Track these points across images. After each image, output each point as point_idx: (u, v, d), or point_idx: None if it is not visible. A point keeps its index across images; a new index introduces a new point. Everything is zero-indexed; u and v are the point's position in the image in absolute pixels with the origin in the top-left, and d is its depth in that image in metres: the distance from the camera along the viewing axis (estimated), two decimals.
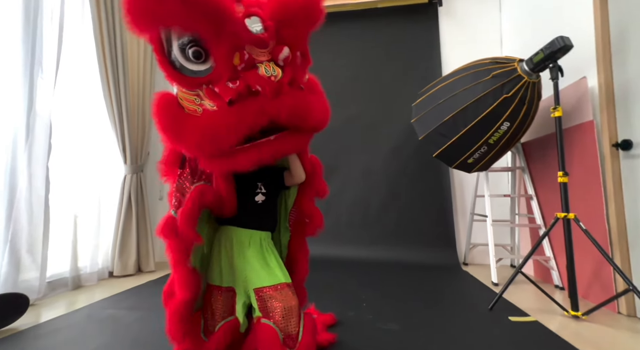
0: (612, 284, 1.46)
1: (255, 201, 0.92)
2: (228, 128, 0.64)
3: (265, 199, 0.93)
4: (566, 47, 1.44)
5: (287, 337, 0.79)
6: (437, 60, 2.74)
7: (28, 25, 1.61)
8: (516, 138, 1.82)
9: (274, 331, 0.78)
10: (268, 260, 0.88)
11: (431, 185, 2.65)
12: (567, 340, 1.16)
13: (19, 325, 1.31)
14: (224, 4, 0.63)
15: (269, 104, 0.66)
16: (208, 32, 0.64)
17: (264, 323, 0.80)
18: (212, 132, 0.65)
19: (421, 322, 1.34)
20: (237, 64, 0.65)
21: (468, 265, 2.47)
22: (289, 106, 0.68)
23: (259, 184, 0.93)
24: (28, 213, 1.59)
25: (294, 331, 0.80)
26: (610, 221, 1.48)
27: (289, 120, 0.70)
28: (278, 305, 0.81)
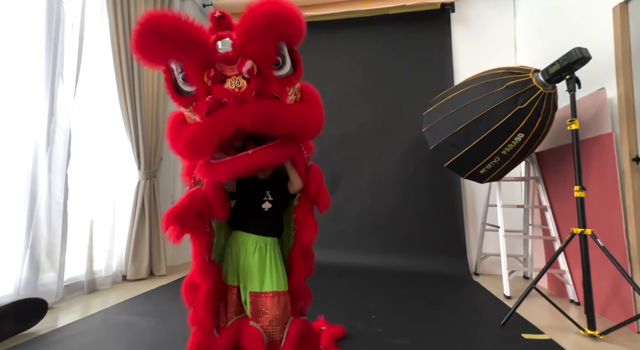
0: (632, 303, 1.41)
1: (262, 208, 0.96)
2: (203, 136, 0.76)
3: (272, 206, 0.97)
4: (584, 59, 1.41)
5: (271, 342, 0.86)
6: (449, 68, 2.71)
7: (50, 37, 1.67)
8: (531, 149, 1.78)
9: (260, 334, 0.85)
10: (268, 267, 0.92)
11: (442, 194, 2.62)
12: None
13: (39, 330, 1.36)
14: (190, 33, 0.73)
15: (233, 113, 0.74)
16: (180, 58, 0.76)
17: (252, 326, 0.87)
18: (193, 140, 0.77)
19: (432, 336, 1.33)
20: (206, 81, 0.75)
21: (479, 275, 2.43)
22: (251, 114, 0.74)
23: (267, 191, 0.98)
24: (47, 219, 1.64)
25: (277, 337, 0.86)
26: (629, 238, 1.44)
27: (254, 126, 0.75)
28: (267, 312, 0.88)
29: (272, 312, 0.87)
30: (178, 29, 0.72)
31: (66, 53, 1.74)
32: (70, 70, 1.76)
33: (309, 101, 0.91)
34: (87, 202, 1.94)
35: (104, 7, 2.02)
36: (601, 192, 1.59)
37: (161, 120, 2.43)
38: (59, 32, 1.70)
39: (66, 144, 1.71)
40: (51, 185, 1.65)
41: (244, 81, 0.75)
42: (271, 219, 0.98)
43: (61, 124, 1.70)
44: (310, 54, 2.91)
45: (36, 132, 1.61)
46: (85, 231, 1.91)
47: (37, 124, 1.61)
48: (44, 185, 1.62)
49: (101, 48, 2.03)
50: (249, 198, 0.97)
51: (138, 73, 2.16)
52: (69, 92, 1.74)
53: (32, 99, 1.61)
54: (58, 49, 1.70)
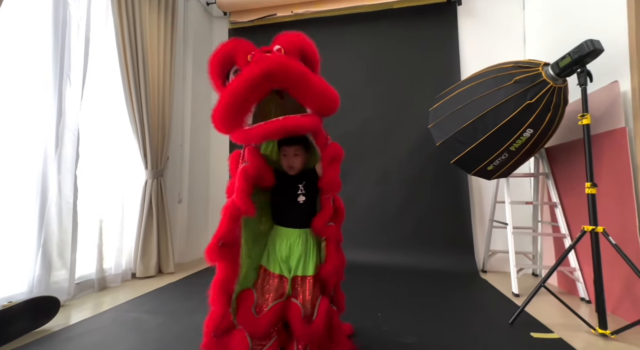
0: None
1: (298, 201, 1.10)
2: (238, 88, 0.90)
3: (306, 198, 1.10)
4: (596, 51, 1.37)
5: (305, 315, 1.02)
6: (456, 63, 2.66)
7: (57, 39, 1.69)
8: (540, 144, 1.75)
9: (299, 308, 1.02)
10: (305, 255, 1.07)
11: (449, 191, 2.59)
12: None
13: (52, 327, 1.39)
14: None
15: (261, 59, 0.91)
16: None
17: (293, 301, 1.03)
18: (229, 98, 0.91)
19: (439, 335, 1.32)
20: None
21: (487, 272, 2.41)
22: (276, 60, 0.90)
23: (299, 185, 1.10)
24: (58, 218, 1.67)
25: (309, 312, 1.03)
26: None
27: (283, 72, 0.89)
28: (301, 291, 1.05)
29: (306, 293, 1.04)
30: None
31: (73, 54, 1.75)
32: (77, 71, 1.78)
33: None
34: (96, 202, 1.97)
35: (109, 8, 2.03)
36: (614, 188, 1.55)
37: (167, 119, 2.45)
38: (65, 34, 1.72)
39: (74, 144, 1.74)
40: (61, 186, 1.68)
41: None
42: (306, 210, 1.10)
43: (69, 125, 1.72)
44: None
45: (45, 133, 1.64)
46: (95, 230, 1.94)
47: (46, 126, 1.64)
48: (54, 186, 1.65)
49: (107, 49, 2.04)
50: (285, 194, 1.11)
51: (144, 74, 2.17)
52: (76, 93, 1.76)
53: (40, 100, 1.63)
54: (65, 51, 1.72)
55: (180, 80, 2.79)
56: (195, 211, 2.86)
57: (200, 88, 2.98)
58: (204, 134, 3.04)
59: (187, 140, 2.80)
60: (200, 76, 2.97)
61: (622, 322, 1.36)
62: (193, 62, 2.86)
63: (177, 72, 2.71)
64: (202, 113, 3.03)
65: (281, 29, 3.64)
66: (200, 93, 2.98)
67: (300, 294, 1.04)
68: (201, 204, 2.98)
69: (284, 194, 1.12)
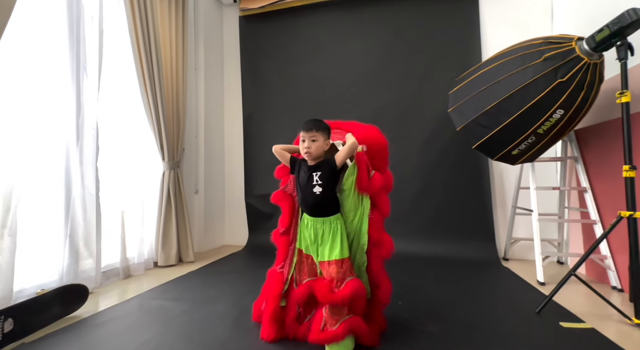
0: None
1: (314, 192, 1.12)
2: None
3: (322, 189, 1.12)
4: (639, 21, 1.25)
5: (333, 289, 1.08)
6: (477, 43, 2.52)
7: (72, 32, 1.70)
8: (571, 126, 1.64)
9: (324, 281, 1.09)
10: (331, 241, 1.11)
11: (469, 177, 2.50)
12: None
13: (82, 313, 1.45)
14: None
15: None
16: None
17: (322, 278, 1.12)
18: None
19: (462, 324, 1.29)
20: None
21: (508, 260, 2.34)
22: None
23: (314, 175, 1.13)
24: (82, 210, 1.72)
25: (338, 288, 1.07)
26: None
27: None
28: (330, 272, 1.09)
29: (332, 275, 1.08)
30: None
31: (88, 47, 1.76)
32: (93, 64, 1.78)
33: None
34: (117, 193, 2.01)
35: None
36: None
37: (181, 110, 2.45)
38: (79, 27, 1.72)
39: (94, 137, 1.77)
40: (84, 178, 1.72)
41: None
42: (323, 200, 1.13)
43: (88, 117, 1.74)
44: (328, 37, 2.83)
45: (66, 126, 1.67)
46: (117, 221, 1.99)
47: (66, 119, 1.67)
48: (77, 178, 1.69)
49: (120, 41, 2.04)
50: (303, 186, 1.15)
51: (157, 64, 2.17)
52: (93, 86, 1.78)
53: (59, 94, 1.66)
54: (80, 44, 1.72)
55: (193, 71, 2.77)
56: (211, 201, 2.90)
57: (212, 78, 2.96)
58: (217, 125, 3.05)
59: (201, 131, 2.81)
60: (212, 66, 2.95)
61: None
62: (205, 51, 2.84)
63: (190, 62, 2.69)
64: (216, 104, 3.03)
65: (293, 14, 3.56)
66: (213, 83, 2.96)
67: (329, 275, 1.10)
68: (217, 194, 3.02)
69: (301, 184, 1.17)
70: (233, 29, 3.12)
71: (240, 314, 1.41)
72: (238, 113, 3.09)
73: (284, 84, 2.94)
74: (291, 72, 2.92)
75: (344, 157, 1.13)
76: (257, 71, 3.03)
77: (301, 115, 2.90)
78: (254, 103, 3.03)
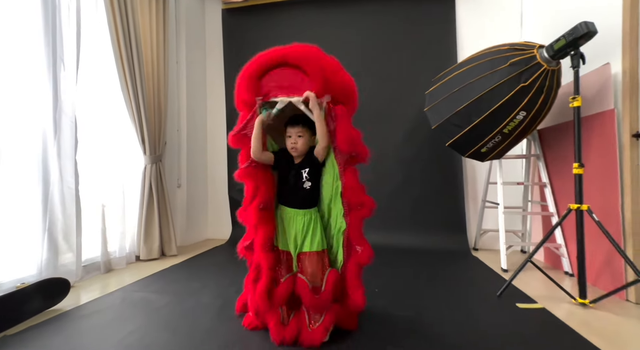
0: (623, 274, 1.48)
1: (304, 187, 1.18)
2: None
3: (311, 184, 1.18)
4: (590, 34, 1.38)
5: (313, 287, 1.11)
6: (453, 45, 2.65)
7: (48, 22, 1.65)
8: (532, 127, 1.79)
9: (305, 283, 1.10)
10: (311, 233, 1.16)
11: (444, 172, 2.65)
12: (574, 328, 1.21)
13: (64, 306, 1.45)
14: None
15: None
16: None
17: (300, 277, 1.12)
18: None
19: (432, 308, 1.41)
20: None
21: (478, 250, 2.52)
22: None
23: (302, 172, 1.18)
24: (61, 204, 1.70)
25: (318, 284, 1.12)
26: (625, 213, 1.48)
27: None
28: (308, 266, 1.13)
29: (312, 267, 1.13)
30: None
31: (65, 39, 1.72)
32: (71, 55, 1.75)
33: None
34: (97, 187, 1.99)
35: None
36: (601, 168, 1.62)
37: (162, 104, 2.43)
38: (56, 17, 1.68)
39: (73, 130, 1.74)
40: (62, 171, 1.70)
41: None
42: (311, 194, 1.19)
43: (66, 110, 1.71)
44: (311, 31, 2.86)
45: (43, 119, 1.64)
46: (98, 215, 1.98)
47: (43, 112, 1.63)
48: (55, 172, 1.67)
49: (99, 33, 2.00)
50: (291, 181, 1.18)
51: (137, 57, 2.14)
52: (70, 78, 1.74)
53: (35, 86, 1.62)
54: (57, 35, 1.68)
55: (174, 64, 2.74)
56: (194, 195, 2.90)
57: (195, 71, 2.93)
58: (200, 118, 3.03)
59: (183, 125, 2.79)
60: (194, 58, 2.92)
61: (602, 293, 1.46)
62: (186, 43, 2.80)
63: (171, 55, 2.66)
64: (198, 97, 3.00)
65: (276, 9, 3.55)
66: (195, 76, 2.94)
67: (308, 268, 1.13)
68: (200, 188, 3.02)
69: (289, 181, 1.19)
70: (215, 22, 3.09)
71: (223, 305, 1.46)
72: (221, 106, 3.08)
73: None
74: None
75: (323, 153, 1.15)
76: (240, 64, 2.96)
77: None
78: None
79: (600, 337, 1.14)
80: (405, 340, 1.14)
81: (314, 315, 1.10)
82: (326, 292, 1.09)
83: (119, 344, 1.13)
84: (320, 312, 1.10)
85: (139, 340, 1.15)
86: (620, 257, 1.47)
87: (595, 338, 1.14)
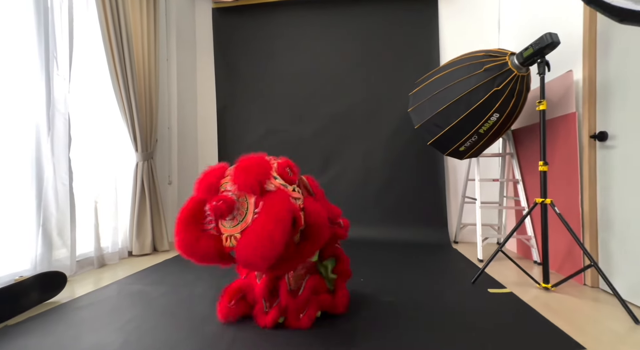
0: (581, 261, 1.65)
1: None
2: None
3: None
4: (554, 44, 1.53)
5: (292, 290, 1.21)
6: (436, 48, 2.78)
7: (40, 21, 1.67)
8: (505, 128, 1.93)
9: (285, 282, 1.20)
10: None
11: (427, 170, 2.80)
12: (536, 309, 1.36)
13: (60, 299, 1.50)
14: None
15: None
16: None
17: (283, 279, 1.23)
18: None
19: (412, 294, 1.54)
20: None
21: (458, 243, 2.68)
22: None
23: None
24: (55, 200, 1.73)
25: (295, 287, 1.22)
26: (583, 206, 1.64)
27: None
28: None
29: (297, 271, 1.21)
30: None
31: (58, 37, 1.74)
32: (63, 54, 1.77)
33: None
34: (91, 184, 2.02)
35: None
36: (564, 166, 1.78)
37: (154, 101, 2.46)
38: (48, 15, 1.70)
39: (66, 128, 1.77)
40: (56, 168, 1.73)
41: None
42: None
43: (60, 108, 1.74)
44: (299, 35, 2.94)
45: (36, 117, 1.66)
46: (91, 210, 2.01)
47: (36, 109, 1.66)
48: (49, 168, 1.70)
49: (91, 32, 2.02)
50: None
51: (129, 55, 2.17)
52: (64, 76, 1.77)
53: (28, 85, 1.64)
54: (49, 33, 1.70)
55: (165, 62, 2.77)
56: (185, 192, 2.94)
57: (185, 69, 2.96)
58: (191, 116, 3.07)
59: (174, 122, 2.82)
60: (184, 56, 2.95)
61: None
62: (177, 41, 2.83)
63: (162, 53, 2.69)
64: (189, 95, 3.04)
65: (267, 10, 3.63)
66: (185, 74, 2.97)
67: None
68: (191, 185, 3.05)
69: None
70: (206, 21, 3.12)
71: (218, 293, 1.54)
72: (212, 104, 3.13)
73: (257, 76, 3.03)
74: (265, 65, 3.01)
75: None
76: (230, 63, 3.09)
77: (274, 106, 3.02)
78: (227, 94, 3.09)
79: (558, 317, 1.29)
80: (387, 320, 1.26)
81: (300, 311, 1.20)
82: (303, 296, 1.19)
83: (119, 330, 1.20)
84: (298, 312, 1.18)
85: (139, 327, 1.23)
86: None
87: (554, 317, 1.29)
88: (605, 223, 1.56)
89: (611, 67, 1.52)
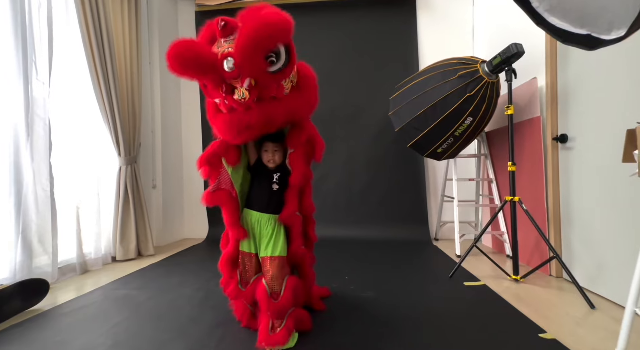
0: (547, 253, 1.78)
1: (272, 189, 1.22)
2: (227, 130, 1.08)
3: (279, 187, 1.23)
4: (519, 53, 1.65)
5: (273, 292, 1.13)
6: (415, 53, 2.90)
7: (17, 23, 1.64)
8: (479, 130, 2.06)
9: (264, 287, 1.13)
10: (274, 238, 1.19)
11: (408, 171, 2.91)
12: (506, 299, 1.47)
13: (43, 306, 1.48)
14: (206, 59, 0.97)
15: (243, 116, 1.03)
16: (200, 79, 1.05)
17: (262, 282, 1.15)
18: (221, 131, 1.11)
19: (393, 290, 1.62)
20: (221, 92, 1.00)
21: (438, 240, 2.80)
22: (254, 118, 1.03)
23: (274, 175, 1.23)
24: (35, 206, 1.70)
25: (277, 289, 1.14)
26: (548, 203, 1.78)
27: (258, 125, 1.04)
28: (269, 270, 1.16)
29: (272, 271, 1.15)
30: (197, 59, 0.98)
31: (36, 40, 1.72)
32: (43, 58, 1.75)
33: (303, 86, 1.18)
34: (72, 189, 2.00)
35: None
36: (531, 166, 1.92)
37: (137, 105, 2.45)
38: (25, 18, 1.67)
39: (46, 132, 1.74)
40: (35, 174, 1.70)
41: (247, 92, 0.96)
42: (278, 198, 1.22)
43: (39, 113, 1.72)
44: None
45: (15, 122, 1.63)
46: (72, 216, 1.98)
47: (15, 114, 1.63)
48: (29, 174, 1.67)
49: (71, 36, 1.99)
50: (262, 181, 1.23)
51: (110, 59, 2.15)
52: (43, 80, 1.74)
53: (6, 89, 1.61)
54: (27, 37, 1.68)
55: (147, 65, 2.75)
56: (170, 195, 2.93)
57: (168, 73, 2.93)
58: (175, 119, 3.05)
59: (158, 126, 2.81)
60: None
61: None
62: (160, 44, 2.82)
63: (144, 56, 2.67)
64: (172, 98, 3.02)
65: None
66: (169, 77, 2.95)
67: (269, 272, 1.14)
68: (176, 188, 3.05)
69: (260, 182, 1.24)
70: (189, 24, 3.12)
71: (206, 296, 1.57)
72: (196, 107, 3.13)
73: None
74: None
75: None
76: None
77: None
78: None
79: (525, 305, 1.41)
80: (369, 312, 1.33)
81: (277, 321, 1.10)
82: (284, 297, 1.11)
83: (106, 333, 1.21)
84: (281, 318, 1.10)
85: (126, 330, 1.24)
86: None
87: (521, 305, 1.40)
88: (567, 218, 1.70)
89: (570, 75, 1.66)
